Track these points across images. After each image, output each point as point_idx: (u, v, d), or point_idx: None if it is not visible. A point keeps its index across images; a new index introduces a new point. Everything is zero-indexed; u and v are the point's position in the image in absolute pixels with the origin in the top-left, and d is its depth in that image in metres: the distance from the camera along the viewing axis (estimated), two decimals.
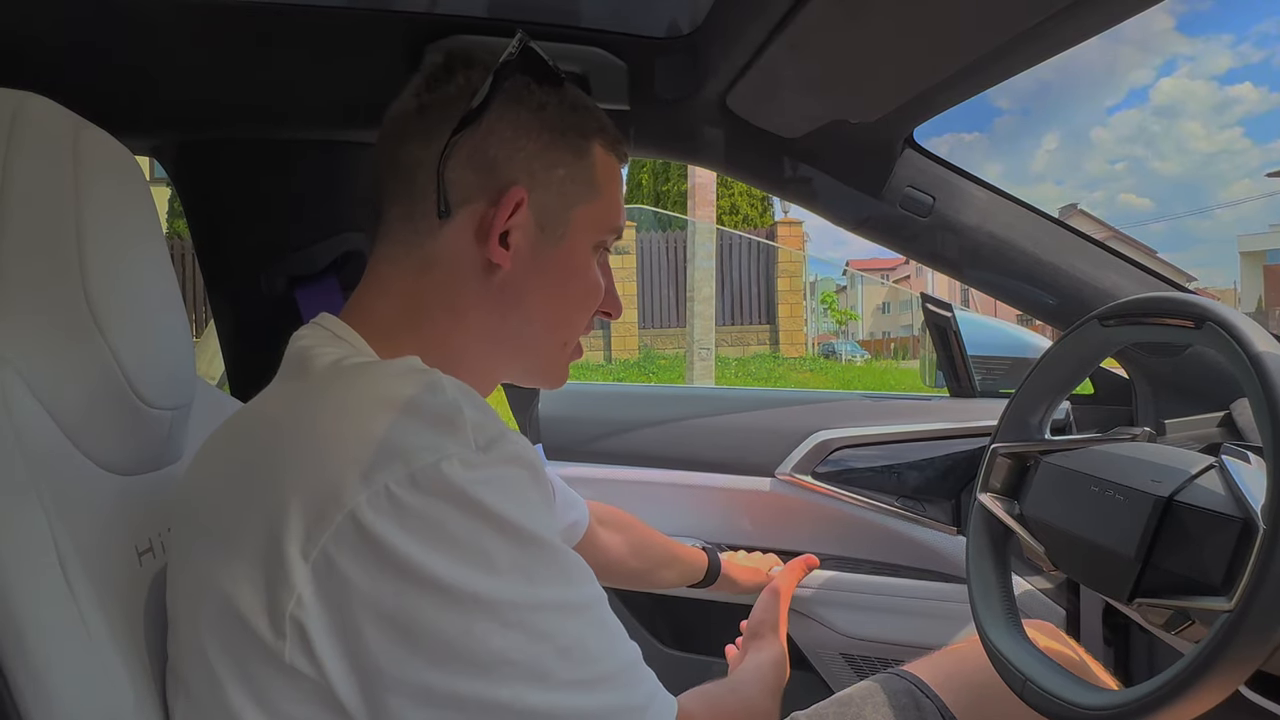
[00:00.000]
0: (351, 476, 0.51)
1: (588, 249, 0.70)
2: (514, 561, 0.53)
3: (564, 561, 0.57)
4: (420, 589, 0.51)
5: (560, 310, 0.71)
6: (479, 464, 0.53)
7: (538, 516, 0.56)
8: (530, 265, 0.67)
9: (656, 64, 1.13)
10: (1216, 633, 0.67)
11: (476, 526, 0.52)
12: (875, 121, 1.12)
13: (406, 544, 0.51)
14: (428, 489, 0.52)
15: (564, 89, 0.69)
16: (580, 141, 0.69)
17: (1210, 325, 0.76)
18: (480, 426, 0.55)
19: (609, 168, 0.71)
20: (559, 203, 0.68)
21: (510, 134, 0.65)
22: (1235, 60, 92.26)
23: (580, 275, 0.71)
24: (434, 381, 0.56)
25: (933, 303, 1.54)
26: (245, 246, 1.17)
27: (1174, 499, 0.77)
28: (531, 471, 0.57)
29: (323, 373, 0.60)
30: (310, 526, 0.51)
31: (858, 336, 24.21)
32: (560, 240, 0.68)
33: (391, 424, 0.53)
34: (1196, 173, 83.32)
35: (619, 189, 0.73)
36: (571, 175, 0.68)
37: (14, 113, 0.58)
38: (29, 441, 0.53)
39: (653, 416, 1.61)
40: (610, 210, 0.71)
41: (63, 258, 0.59)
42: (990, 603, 0.93)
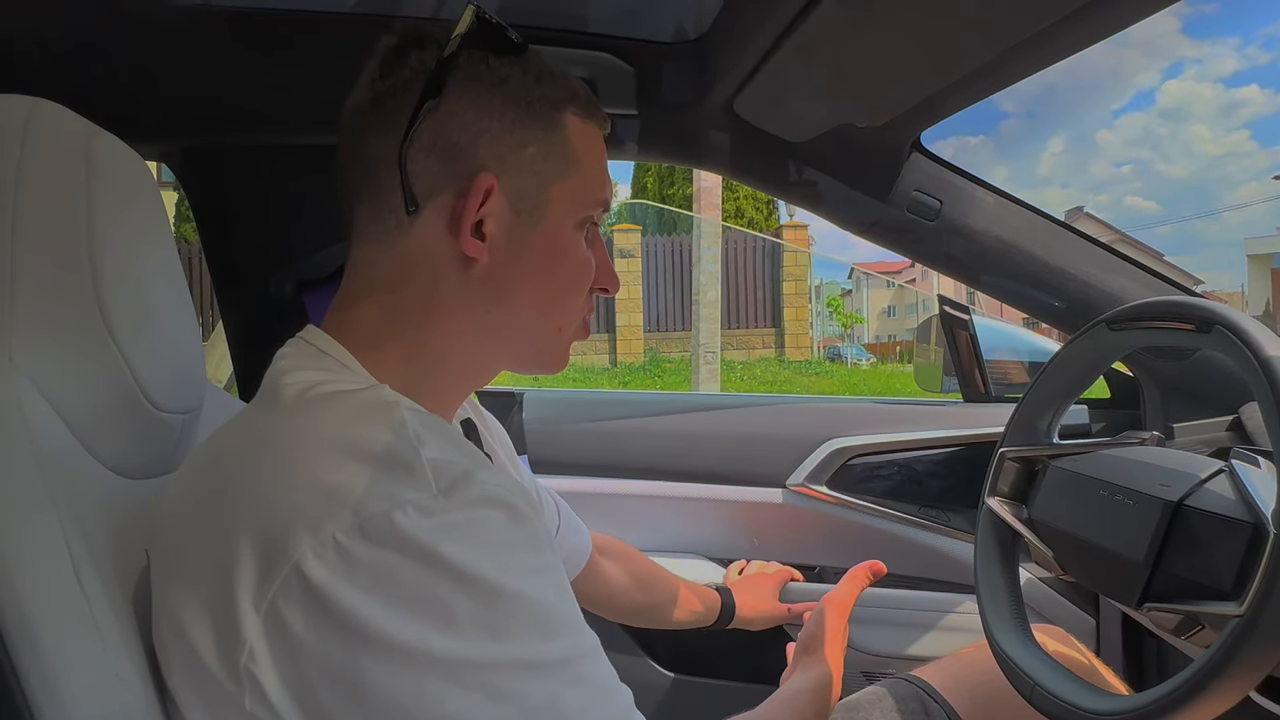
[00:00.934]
0: (299, 526, 0.49)
1: (571, 227, 0.65)
2: (476, 617, 0.49)
3: (541, 613, 0.52)
4: (367, 647, 0.48)
5: (548, 295, 0.65)
6: (438, 510, 0.50)
7: (511, 563, 0.51)
8: (509, 253, 0.62)
9: (664, 69, 1.13)
10: (1227, 638, 0.67)
11: (433, 579, 0.49)
12: (882, 126, 1.12)
13: (353, 599, 0.48)
14: (378, 540, 0.48)
15: (526, 58, 0.63)
16: (550, 113, 0.63)
17: (1219, 329, 0.76)
18: (442, 467, 0.51)
19: (585, 137, 0.66)
20: (533, 183, 0.62)
21: (472, 116, 0.60)
22: (1242, 63, 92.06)
23: (566, 256, 0.65)
24: (393, 419, 0.53)
25: (950, 305, 1.51)
26: (253, 250, 1.17)
27: (1183, 503, 0.77)
28: (507, 512, 0.53)
29: (287, 406, 0.57)
30: (260, 577, 0.49)
31: (863, 340, 24.19)
32: (539, 222, 0.63)
33: (342, 469, 0.50)
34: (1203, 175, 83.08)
35: (600, 158, 0.67)
36: (544, 152, 0.63)
37: (26, 118, 0.58)
38: (42, 445, 0.54)
39: (651, 425, 1.54)
40: (591, 182, 0.66)
41: (74, 262, 0.59)
42: (998, 607, 0.93)
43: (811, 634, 1.02)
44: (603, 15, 1.11)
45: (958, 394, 1.52)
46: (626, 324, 11.52)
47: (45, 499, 0.52)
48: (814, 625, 1.03)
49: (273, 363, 0.62)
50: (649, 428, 1.53)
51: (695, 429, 1.51)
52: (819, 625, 1.02)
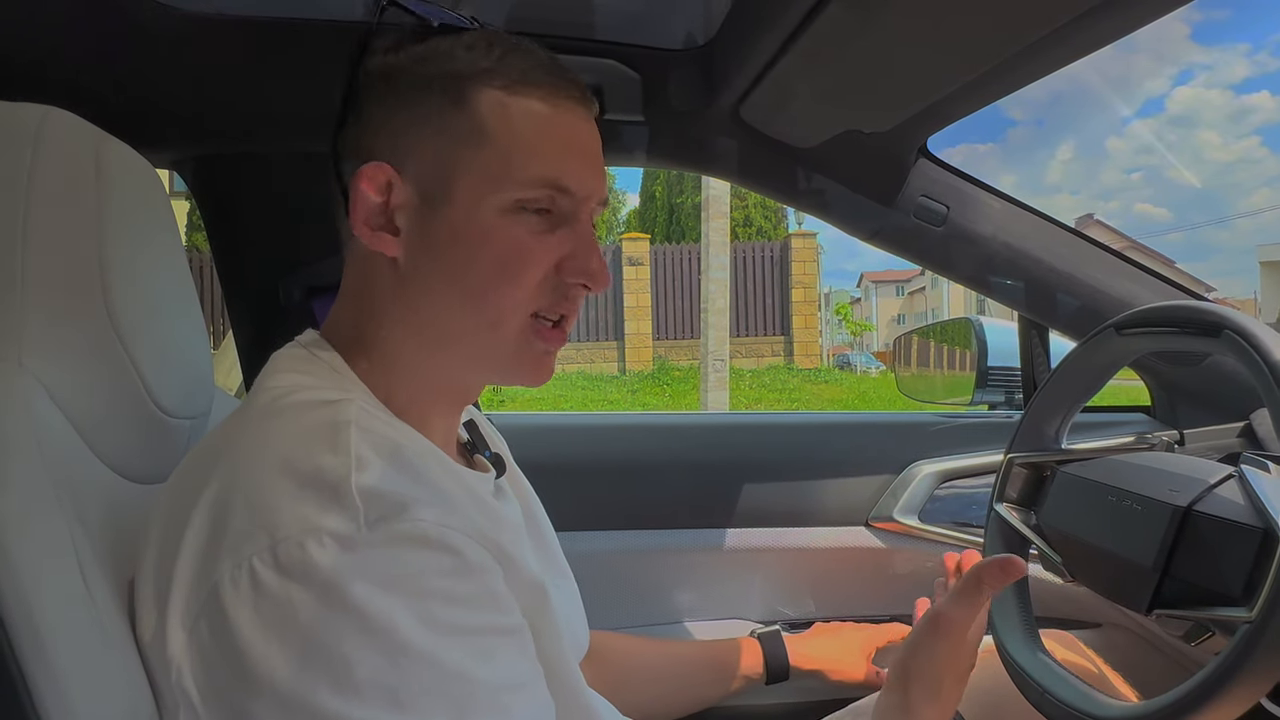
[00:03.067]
0: (226, 547, 0.46)
1: (491, 212, 0.58)
2: (378, 676, 0.44)
3: (458, 686, 0.45)
4: (257, 691, 0.44)
5: (471, 287, 0.58)
6: (359, 544, 0.45)
7: (435, 618, 0.46)
8: (423, 244, 0.58)
9: (670, 75, 1.13)
10: (1236, 644, 0.66)
11: (335, 624, 0.44)
12: (888, 131, 1.12)
13: (251, 634, 0.44)
14: (286, 570, 0.44)
15: (441, 41, 0.59)
16: (457, 88, 0.58)
17: (1228, 334, 0.76)
18: (376, 496, 0.47)
19: (511, 111, 0.58)
20: (438, 166, 0.58)
21: (381, 113, 0.59)
22: (1252, 69, 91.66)
23: (482, 244, 0.58)
24: (338, 440, 0.49)
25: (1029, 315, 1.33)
26: (263, 257, 1.18)
27: (1193, 509, 0.76)
28: (447, 557, 0.47)
29: (255, 413, 0.55)
30: (189, 595, 0.47)
31: (873, 348, 24.12)
32: (444, 205, 0.58)
33: (274, 490, 0.47)
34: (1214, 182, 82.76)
35: (534, 135, 0.59)
36: (443, 129, 0.57)
37: (38, 126, 0.59)
38: (50, 448, 0.54)
39: (669, 455, 1.26)
40: (516, 160, 0.58)
41: (84, 268, 0.60)
42: (1007, 613, 0.93)
43: (913, 662, 0.73)
44: (609, 22, 1.11)
45: (984, 405, 1.42)
46: (635, 331, 11.54)
47: (52, 501, 0.53)
48: (919, 648, 0.73)
49: (267, 363, 0.62)
50: (667, 459, 1.26)
51: (731, 458, 1.24)
52: (928, 648, 0.72)
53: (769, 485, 1.21)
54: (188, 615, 0.47)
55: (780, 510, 1.20)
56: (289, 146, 1.14)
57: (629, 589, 1.17)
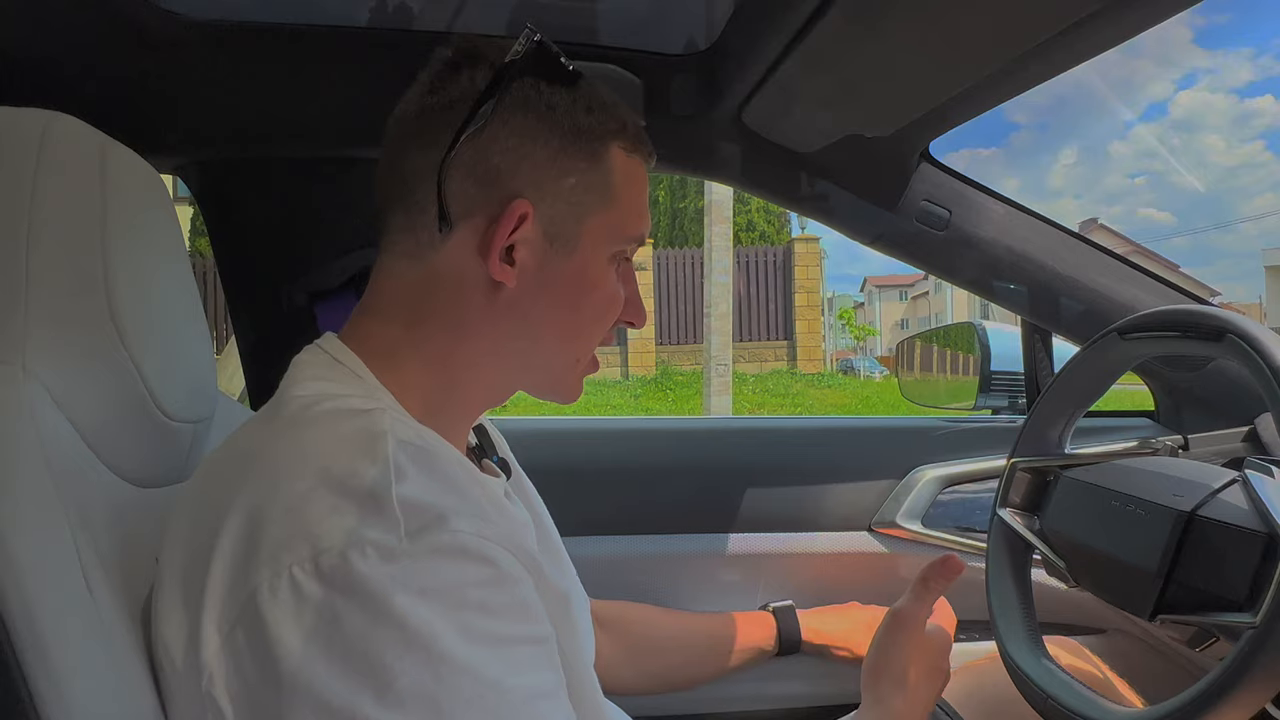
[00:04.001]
0: (263, 555, 0.46)
1: (604, 260, 0.64)
2: (419, 687, 0.44)
3: (495, 698, 0.46)
4: (299, 700, 0.44)
5: (571, 327, 0.64)
6: (401, 554, 0.46)
7: (474, 629, 0.47)
8: (538, 281, 0.61)
9: (672, 80, 1.13)
10: (1241, 649, 0.66)
11: (378, 634, 0.44)
12: (891, 135, 1.12)
13: (293, 643, 0.45)
14: (330, 580, 0.45)
15: (578, 88, 0.62)
16: (595, 146, 0.62)
17: (1231, 338, 0.76)
18: (416, 507, 0.47)
19: (629, 171, 0.64)
20: (570, 214, 0.61)
21: (515, 141, 0.60)
22: (1256, 73, 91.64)
23: (595, 289, 0.64)
24: (377, 450, 0.50)
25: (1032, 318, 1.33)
26: (266, 262, 1.18)
27: (1196, 514, 0.76)
28: (484, 568, 0.48)
29: (286, 420, 0.55)
30: (225, 601, 0.47)
31: (876, 353, 24.11)
32: (572, 254, 0.62)
33: (313, 499, 0.48)
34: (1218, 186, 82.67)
35: (641, 193, 0.66)
36: (584, 184, 0.62)
37: (43, 132, 0.59)
38: (53, 453, 0.54)
39: (674, 460, 1.27)
40: (630, 217, 0.65)
41: (88, 273, 0.60)
42: (1011, 619, 0.92)
43: (879, 658, 0.79)
44: (611, 27, 1.11)
45: (987, 410, 1.41)
46: (638, 336, 11.53)
47: (56, 506, 0.53)
48: (880, 645, 0.80)
49: (288, 370, 0.62)
50: (670, 464, 1.27)
51: (734, 462, 1.24)
52: (888, 643, 0.79)
53: (771, 490, 1.21)
54: (224, 622, 0.47)
55: (783, 515, 1.20)
56: (293, 151, 1.15)
57: (631, 594, 1.17)
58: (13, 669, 0.48)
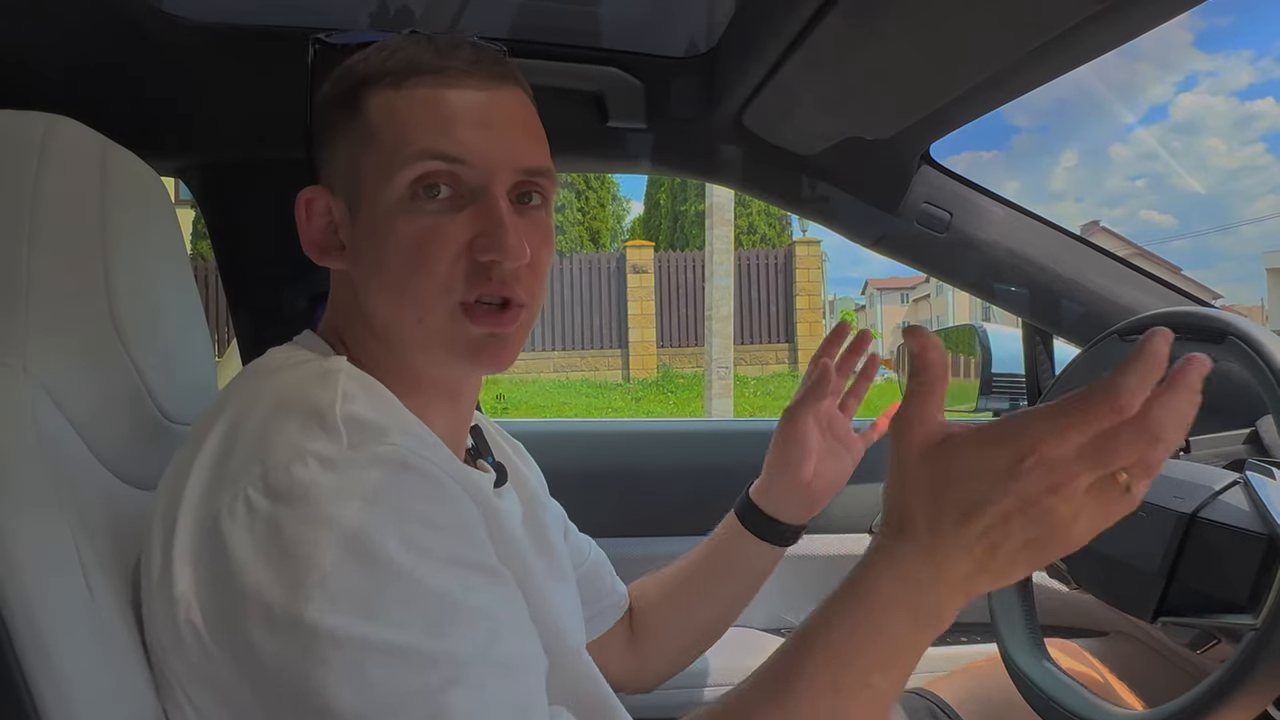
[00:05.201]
0: (225, 481, 0.49)
1: (392, 203, 0.58)
2: (352, 587, 0.45)
3: (435, 604, 0.46)
4: (248, 607, 0.46)
5: (390, 281, 0.59)
6: (342, 464, 0.47)
7: (413, 538, 0.47)
8: (355, 254, 0.61)
9: (673, 83, 1.14)
10: (1242, 651, 0.66)
11: (315, 537, 0.46)
12: (891, 138, 1.12)
13: (245, 555, 0.46)
14: (274, 492, 0.47)
15: (340, 68, 0.63)
16: (350, 98, 0.60)
17: (1232, 340, 0.76)
18: (360, 421, 0.49)
19: (391, 104, 0.59)
20: (350, 174, 0.60)
21: (317, 143, 0.64)
22: (1256, 75, 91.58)
23: (389, 235, 0.58)
24: (328, 379, 0.53)
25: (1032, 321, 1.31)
26: (268, 265, 1.18)
27: (1197, 515, 0.76)
28: (427, 484, 0.49)
29: (252, 374, 0.58)
30: (194, 532, 0.49)
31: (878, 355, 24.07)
32: (361, 211, 0.60)
33: (268, 425, 0.50)
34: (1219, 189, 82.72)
35: (412, 116, 0.58)
36: (349, 141, 0.60)
37: (44, 134, 0.60)
38: (54, 454, 0.54)
39: (670, 462, 1.26)
40: (398, 144, 0.58)
41: (89, 274, 0.60)
42: (1012, 621, 0.92)
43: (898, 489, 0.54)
44: (612, 30, 1.12)
45: (989, 412, 1.40)
46: (639, 339, 11.53)
47: (57, 507, 0.53)
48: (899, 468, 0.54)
49: None
50: (671, 466, 1.27)
51: (733, 464, 1.18)
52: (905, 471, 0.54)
53: None
54: (193, 552, 0.49)
55: None
56: (294, 154, 1.15)
57: None
58: (14, 669, 0.48)
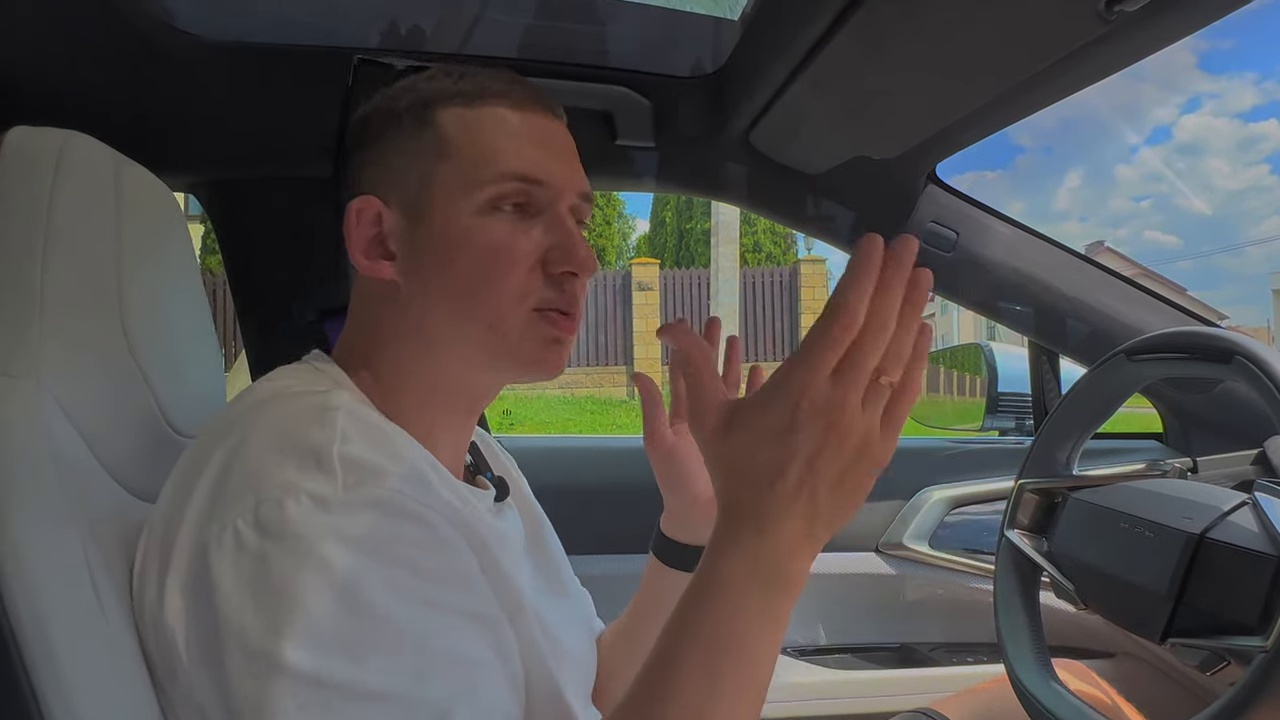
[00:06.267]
0: (216, 512, 0.49)
1: (468, 215, 0.61)
2: (337, 630, 0.46)
3: (415, 649, 0.47)
4: (229, 640, 0.46)
5: (461, 292, 0.61)
6: (335, 505, 0.48)
7: (400, 583, 0.48)
8: (412, 262, 0.62)
9: (681, 102, 1.14)
10: (1252, 673, 0.65)
11: (303, 577, 0.46)
12: (897, 158, 1.12)
13: (229, 588, 0.47)
14: (265, 527, 0.47)
15: (397, 85, 0.65)
16: (417, 116, 0.63)
17: (1240, 360, 0.76)
18: (356, 463, 0.49)
19: (466, 121, 0.62)
20: (415, 186, 0.62)
21: (364, 155, 0.65)
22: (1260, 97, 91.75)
23: (466, 244, 0.60)
24: (326, 417, 0.53)
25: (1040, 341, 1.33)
26: (277, 280, 1.19)
27: (1206, 536, 0.75)
28: (418, 528, 0.50)
29: (253, 403, 0.57)
30: (187, 562, 0.49)
31: None
32: (427, 221, 0.61)
33: (263, 460, 0.50)
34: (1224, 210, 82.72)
35: (494, 136, 0.62)
36: (413, 153, 0.62)
37: (60, 149, 0.60)
38: (65, 466, 0.55)
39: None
40: (481, 161, 0.61)
41: (102, 288, 0.61)
42: (1019, 641, 0.92)
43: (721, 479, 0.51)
44: (621, 50, 1.13)
45: (995, 431, 1.41)
46: (644, 356, 11.54)
47: (66, 517, 0.53)
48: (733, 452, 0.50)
49: (271, 372, 0.64)
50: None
51: None
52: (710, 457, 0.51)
53: None
54: (183, 580, 0.49)
55: None
56: (303, 171, 1.16)
57: None
58: (21, 678, 0.48)
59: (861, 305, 0.48)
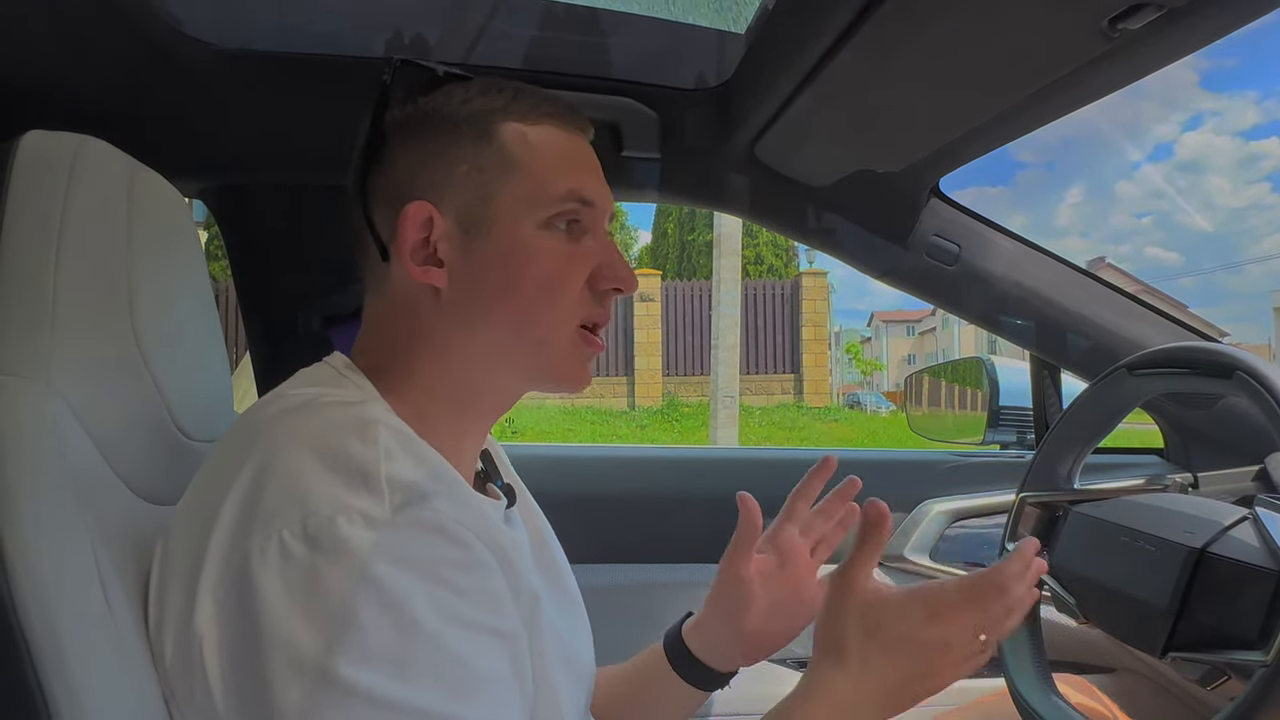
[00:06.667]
0: (257, 522, 0.50)
1: (531, 231, 0.62)
2: (388, 646, 0.47)
3: (456, 670, 0.49)
4: (275, 651, 0.47)
5: (518, 305, 0.62)
6: (384, 524, 0.49)
7: (443, 604, 0.49)
8: (468, 272, 0.62)
9: (687, 114, 1.15)
10: (1252, 688, 0.65)
11: (356, 595, 0.47)
12: (901, 171, 1.13)
13: (276, 599, 0.48)
14: (315, 542, 0.48)
15: (452, 87, 0.65)
16: (481, 128, 0.63)
17: (1240, 375, 0.76)
18: (402, 484, 0.51)
19: (530, 139, 0.64)
20: (475, 198, 0.62)
21: (409, 157, 0.63)
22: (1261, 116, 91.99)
23: (529, 260, 0.62)
24: (368, 433, 0.53)
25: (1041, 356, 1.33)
26: (283, 286, 1.20)
27: (1207, 550, 0.76)
28: (458, 549, 0.51)
29: (285, 409, 0.58)
30: (221, 569, 0.50)
31: (883, 388, 24.06)
32: (489, 234, 0.62)
33: (307, 472, 0.51)
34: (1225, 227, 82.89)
35: (554, 154, 0.64)
36: (478, 165, 0.62)
37: (75, 154, 0.61)
38: (74, 468, 0.55)
39: (672, 490, 1.26)
40: (545, 180, 0.63)
41: (113, 292, 0.61)
42: (1020, 655, 0.92)
43: (821, 623, 0.64)
44: (628, 62, 1.14)
45: (995, 445, 1.41)
46: (645, 367, 11.54)
47: (76, 520, 0.53)
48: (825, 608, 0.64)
49: (295, 375, 0.64)
50: (676, 493, 1.27)
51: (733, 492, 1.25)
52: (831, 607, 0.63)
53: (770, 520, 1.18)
54: (219, 588, 0.50)
55: None
56: (313, 179, 1.17)
57: (636, 623, 1.15)
58: (30, 679, 0.48)
59: (1019, 587, 0.62)
